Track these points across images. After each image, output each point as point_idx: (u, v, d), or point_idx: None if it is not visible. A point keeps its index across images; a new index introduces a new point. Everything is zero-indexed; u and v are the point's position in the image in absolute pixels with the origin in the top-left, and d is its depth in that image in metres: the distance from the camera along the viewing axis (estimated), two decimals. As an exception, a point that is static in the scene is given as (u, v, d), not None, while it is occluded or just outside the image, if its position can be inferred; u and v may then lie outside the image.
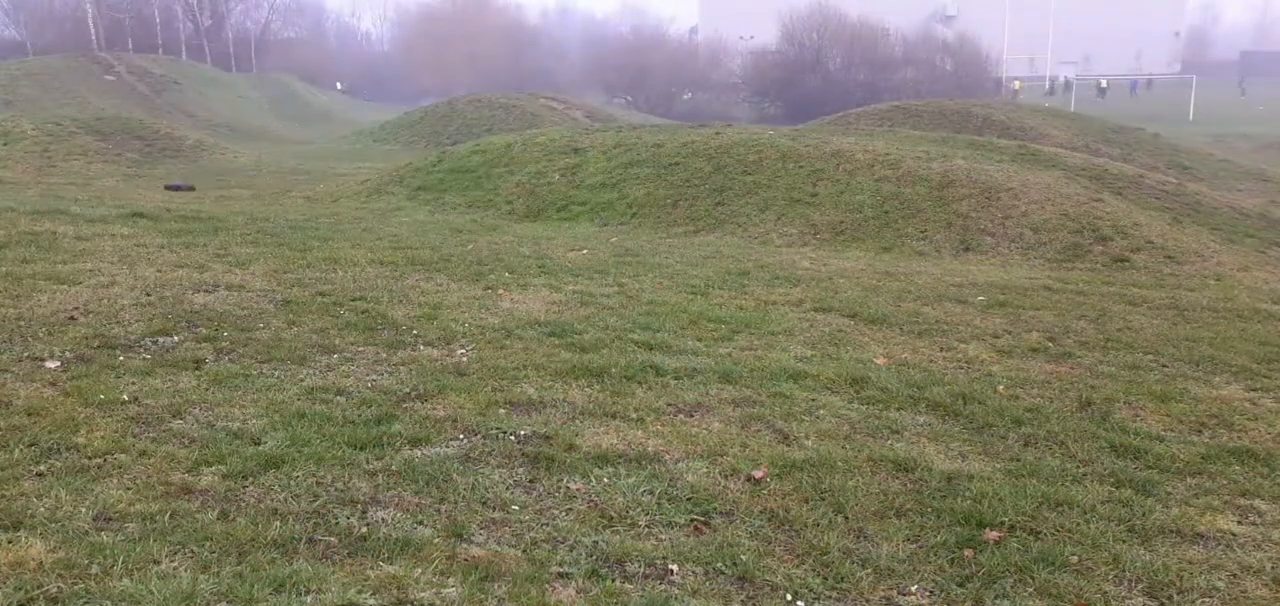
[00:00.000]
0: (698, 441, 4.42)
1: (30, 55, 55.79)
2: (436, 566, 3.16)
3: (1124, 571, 3.36)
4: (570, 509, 3.68)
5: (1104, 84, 66.55)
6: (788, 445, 4.45)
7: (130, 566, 3.02)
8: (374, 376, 5.20)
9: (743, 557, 3.34)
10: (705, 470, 4.09)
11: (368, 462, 3.98)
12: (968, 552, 3.43)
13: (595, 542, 3.41)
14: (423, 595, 2.99)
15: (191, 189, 17.91)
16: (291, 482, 3.73)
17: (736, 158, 14.60)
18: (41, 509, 3.39)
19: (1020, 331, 7.05)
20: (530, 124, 29.70)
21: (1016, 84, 68.47)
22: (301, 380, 5.05)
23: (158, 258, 8.11)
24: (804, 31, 63.06)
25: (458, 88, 56.30)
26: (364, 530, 3.39)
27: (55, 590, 2.86)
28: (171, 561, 3.09)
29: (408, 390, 4.96)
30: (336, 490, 3.71)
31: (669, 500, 3.78)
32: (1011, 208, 12.03)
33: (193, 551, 3.16)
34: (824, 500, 3.84)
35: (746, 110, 59.94)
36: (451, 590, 3.03)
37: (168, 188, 18.16)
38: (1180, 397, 5.44)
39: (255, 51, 74.18)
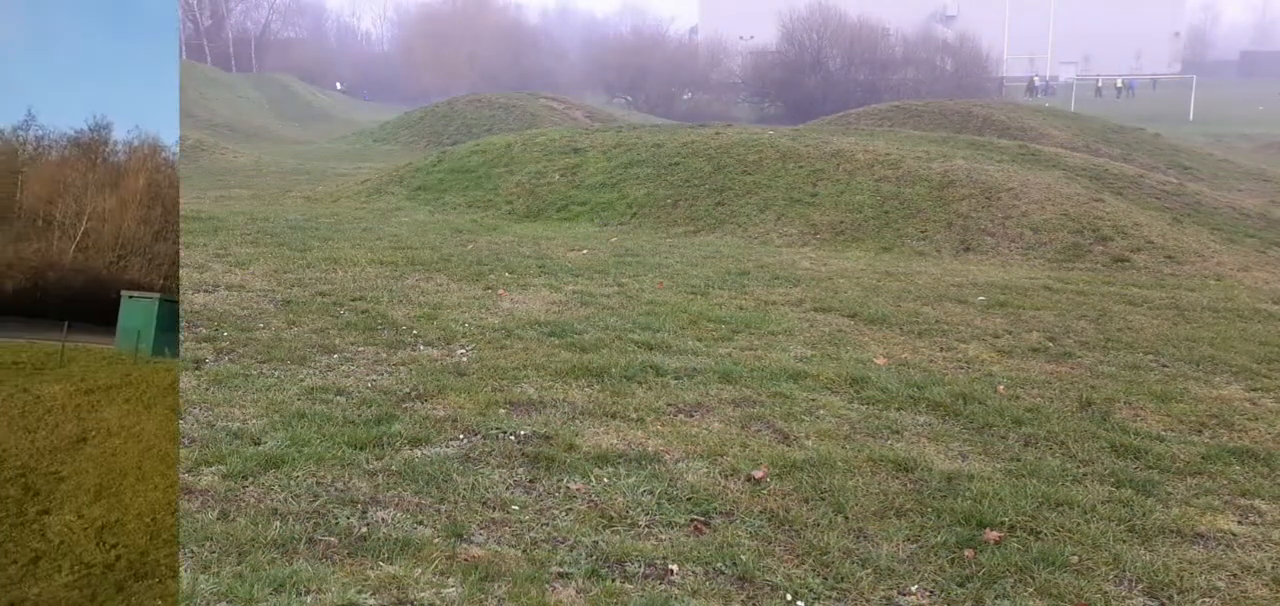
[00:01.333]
0: (698, 441, 4.42)
1: (30, 55, 55.72)
2: (436, 566, 3.16)
3: (1124, 571, 3.36)
4: (570, 509, 3.68)
5: (1119, 84, 66.44)
6: (788, 445, 4.45)
7: (130, 566, 3.01)
8: (374, 376, 5.20)
9: (743, 557, 3.34)
10: (705, 470, 4.09)
11: (368, 462, 3.98)
12: (968, 552, 3.43)
13: (595, 542, 3.41)
14: (423, 595, 2.99)
15: None
16: (291, 482, 3.73)
17: (736, 158, 14.60)
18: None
19: (1020, 331, 7.04)
20: (530, 124, 29.69)
21: (1036, 79, 69.13)
22: (301, 380, 5.05)
23: (158, 258, 8.11)
24: (804, 32, 63.00)
25: (458, 88, 56.26)
26: (364, 530, 3.39)
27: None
28: (171, 561, 3.08)
29: (408, 390, 4.96)
30: (336, 490, 3.71)
31: (669, 500, 3.78)
32: (1012, 208, 12.03)
33: (193, 551, 3.15)
34: (824, 500, 3.84)
35: (746, 110, 59.91)
36: (451, 590, 3.03)
37: None
38: (1180, 397, 5.44)
39: (255, 51, 74.16)
